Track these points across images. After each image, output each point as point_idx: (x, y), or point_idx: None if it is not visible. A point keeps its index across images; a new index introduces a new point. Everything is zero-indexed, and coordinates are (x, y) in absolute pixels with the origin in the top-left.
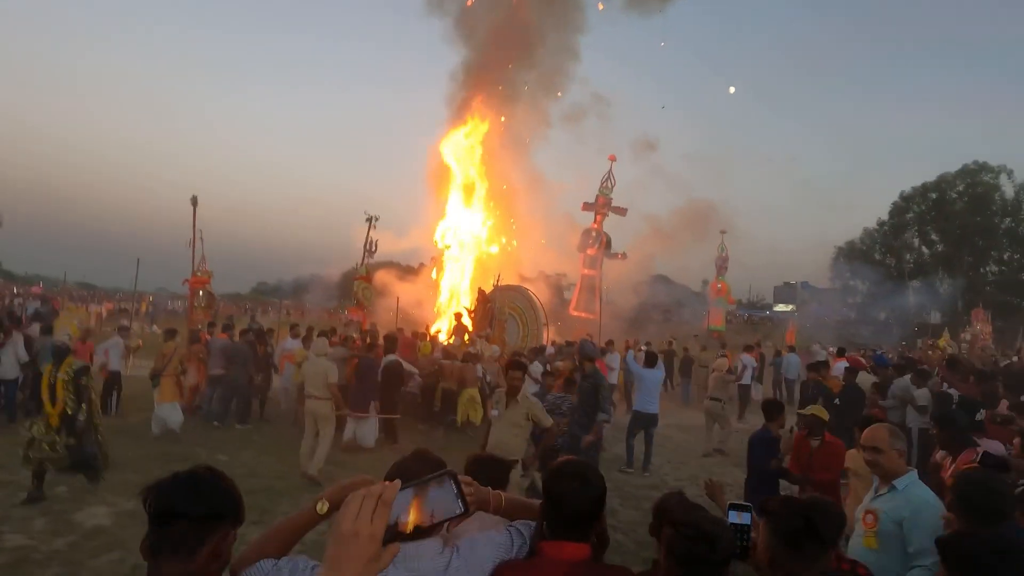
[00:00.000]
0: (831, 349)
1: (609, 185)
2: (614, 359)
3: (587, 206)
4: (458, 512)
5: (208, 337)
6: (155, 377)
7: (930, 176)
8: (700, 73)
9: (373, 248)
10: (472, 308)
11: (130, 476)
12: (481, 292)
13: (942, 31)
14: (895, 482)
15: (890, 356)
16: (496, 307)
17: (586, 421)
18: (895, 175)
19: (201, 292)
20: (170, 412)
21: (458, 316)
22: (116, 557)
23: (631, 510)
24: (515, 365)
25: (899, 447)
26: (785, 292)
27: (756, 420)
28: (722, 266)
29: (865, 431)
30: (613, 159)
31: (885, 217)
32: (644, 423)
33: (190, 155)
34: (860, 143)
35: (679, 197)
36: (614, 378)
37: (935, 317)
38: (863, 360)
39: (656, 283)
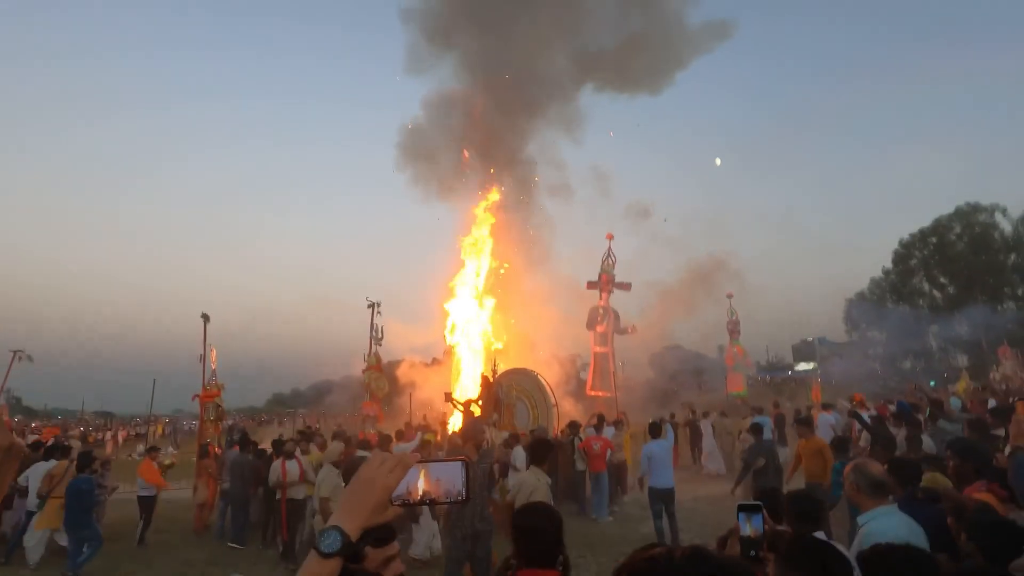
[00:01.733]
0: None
1: (610, 263)
2: (610, 433)
3: (591, 284)
4: (461, 497)
5: (219, 451)
6: (41, 499)
7: (925, 221)
8: (691, 140)
9: (380, 335)
10: (477, 396)
11: None
12: (484, 379)
13: (917, 78)
14: (857, 518)
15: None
16: (502, 392)
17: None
18: (890, 224)
19: (210, 406)
20: (38, 540)
21: (466, 404)
22: None
23: None
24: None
25: (852, 480)
26: (804, 349)
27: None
28: (734, 330)
29: None
30: (611, 237)
31: (889, 265)
32: (661, 499)
33: (199, 276)
34: (849, 195)
35: (683, 264)
36: (620, 455)
37: (962, 361)
38: (887, 409)
39: (670, 353)
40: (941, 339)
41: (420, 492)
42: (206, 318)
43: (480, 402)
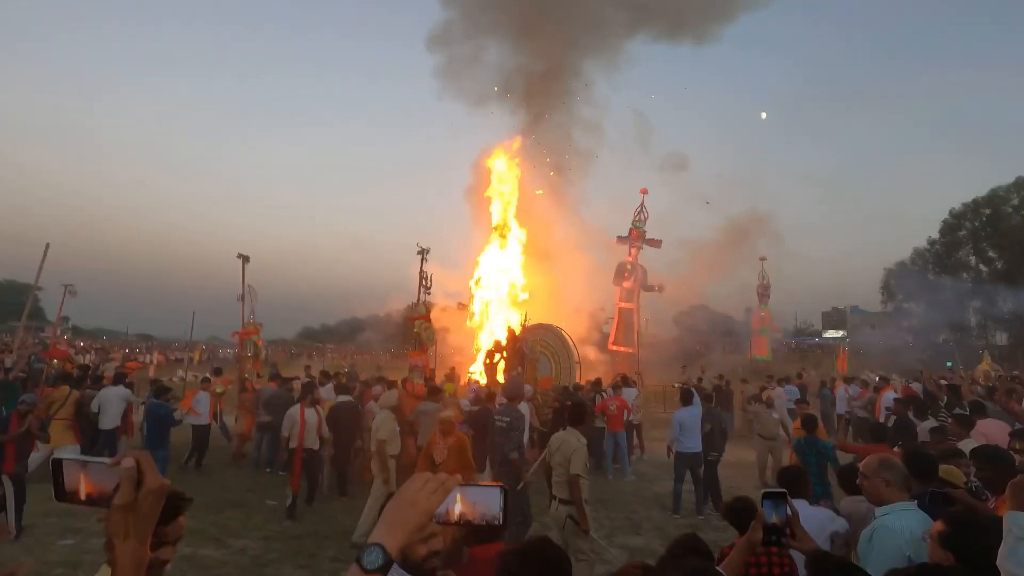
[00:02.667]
0: (877, 378)
1: (642, 218)
2: (630, 394)
3: (621, 240)
4: (498, 521)
5: (257, 386)
6: (44, 424)
7: (981, 191)
8: (736, 92)
9: (428, 283)
10: (503, 348)
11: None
12: (511, 332)
13: (985, 42)
14: (876, 510)
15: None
16: (527, 346)
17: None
18: (943, 192)
19: (249, 343)
20: (72, 452)
21: (490, 354)
22: None
23: None
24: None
25: (885, 476)
26: (834, 317)
27: None
28: (764, 294)
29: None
30: (645, 192)
31: (936, 236)
32: (687, 464)
33: (239, 208)
34: (905, 160)
35: (718, 222)
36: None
37: (1000, 338)
38: (912, 389)
39: (696, 312)
40: (982, 315)
41: (457, 514)
42: (245, 259)
43: (505, 354)
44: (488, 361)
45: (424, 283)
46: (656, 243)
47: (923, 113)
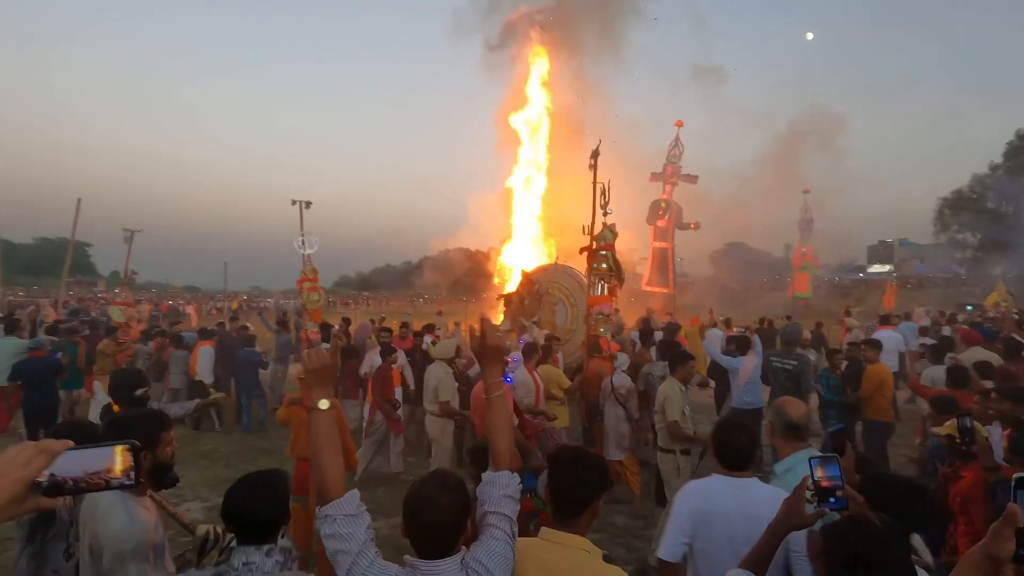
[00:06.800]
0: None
1: (677, 152)
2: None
3: (655, 176)
4: (128, 481)
5: (312, 336)
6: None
7: None
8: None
9: (606, 199)
10: (516, 292)
11: (221, 472)
12: (525, 275)
13: None
14: (775, 465)
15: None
16: (543, 289)
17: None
18: (1009, 114)
19: (306, 291)
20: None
21: (506, 300)
22: None
23: None
24: None
25: (772, 421)
26: (881, 251)
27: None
28: (805, 228)
29: None
30: (680, 125)
31: (999, 160)
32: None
33: (283, 160)
34: (968, 78)
35: (759, 145)
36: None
37: None
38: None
39: (733, 251)
40: None
41: (72, 478)
42: (305, 204)
43: (520, 297)
44: (505, 307)
45: (603, 199)
46: (692, 179)
47: (990, 30)
